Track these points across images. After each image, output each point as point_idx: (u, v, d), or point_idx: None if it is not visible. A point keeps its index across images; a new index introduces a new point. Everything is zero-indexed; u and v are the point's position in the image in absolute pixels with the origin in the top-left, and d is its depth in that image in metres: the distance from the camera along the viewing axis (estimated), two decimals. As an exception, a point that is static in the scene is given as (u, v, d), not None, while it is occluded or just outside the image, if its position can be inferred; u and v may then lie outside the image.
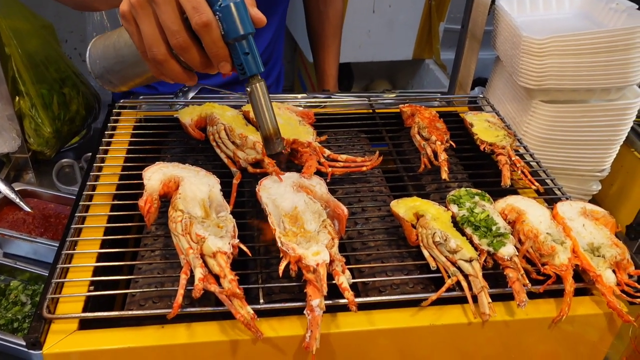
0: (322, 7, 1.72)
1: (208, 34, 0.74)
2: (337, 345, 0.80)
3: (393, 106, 1.39)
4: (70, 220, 0.93)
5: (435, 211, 0.94)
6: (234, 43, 0.76)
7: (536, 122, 1.36)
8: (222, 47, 0.76)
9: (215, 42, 0.75)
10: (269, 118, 0.81)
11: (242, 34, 0.75)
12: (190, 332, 0.77)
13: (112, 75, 0.91)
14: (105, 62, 0.90)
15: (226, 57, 0.77)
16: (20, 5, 1.50)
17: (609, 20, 1.38)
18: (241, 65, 0.78)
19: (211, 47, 0.76)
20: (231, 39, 0.75)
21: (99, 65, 0.91)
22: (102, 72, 0.92)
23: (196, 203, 0.89)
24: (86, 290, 0.82)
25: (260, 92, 0.80)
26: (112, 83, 0.93)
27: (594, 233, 0.92)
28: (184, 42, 0.76)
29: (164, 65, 0.79)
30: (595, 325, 0.87)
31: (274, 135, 0.82)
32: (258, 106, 0.81)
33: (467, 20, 1.47)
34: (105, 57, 0.90)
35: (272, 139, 0.82)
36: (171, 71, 0.80)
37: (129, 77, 0.91)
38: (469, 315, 0.82)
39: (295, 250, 0.80)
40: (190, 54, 0.77)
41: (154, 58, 0.78)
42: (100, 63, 0.91)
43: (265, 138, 0.82)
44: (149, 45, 0.77)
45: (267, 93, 0.81)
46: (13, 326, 1.06)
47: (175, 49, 0.77)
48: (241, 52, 0.77)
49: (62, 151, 1.61)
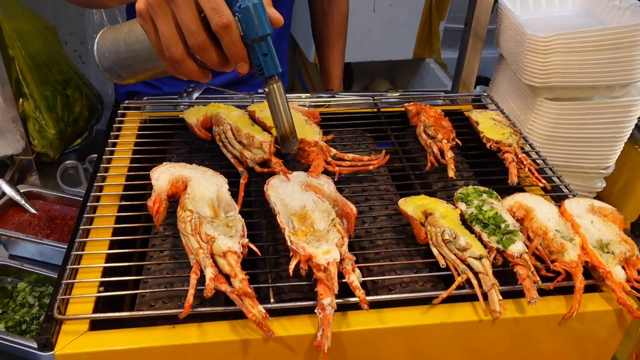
0: (326, 7, 1.72)
1: (228, 35, 0.74)
2: (348, 344, 0.80)
3: (397, 105, 1.39)
4: (78, 222, 0.93)
5: (444, 209, 0.94)
6: (252, 44, 0.76)
7: (541, 120, 1.36)
8: (242, 47, 0.76)
9: (235, 43, 0.75)
10: (285, 118, 0.83)
11: (261, 35, 0.75)
12: (202, 331, 0.77)
13: (122, 70, 0.91)
14: (115, 56, 0.90)
15: (245, 58, 0.78)
16: (23, 7, 1.50)
17: (612, 18, 1.38)
18: (260, 66, 0.78)
19: (230, 48, 0.76)
20: (250, 39, 0.76)
21: (108, 59, 0.91)
22: (111, 66, 0.91)
23: (205, 203, 0.89)
24: (96, 291, 0.82)
25: (278, 93, 0.81)
26: (121, 76, 0.93)
27: (603, 230, 0.92)
28: (202, 42, 0.76)
29: (181, 64, 0.79)
30: (605, 322, 0.88)
31: (290, 134, 0.83)
32: (275, 106, 0.82)
33: (471, 19, 1.48)
34: (115, 52, 0.90)
35: (289, 138, 0.84)
36: (187, 70, 0.81)
37: (139, 71, 0.91)
38: (480, 313, 0.82)
39: (306, 249, 0.80)
40: (208, 54, 0.77)
41: (172, 57, 0.78)
42: (110, 57, 0.90)
43: (282, 137, 0.84)
44: (167, 45, 0.77)
45: (285, 93, 0.82)
46: (21, 328, 1.06)
47: (193, 48, 0.77)
48: (260, 53, 0.77)
49: (65, 153, 1.61)
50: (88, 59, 2.61)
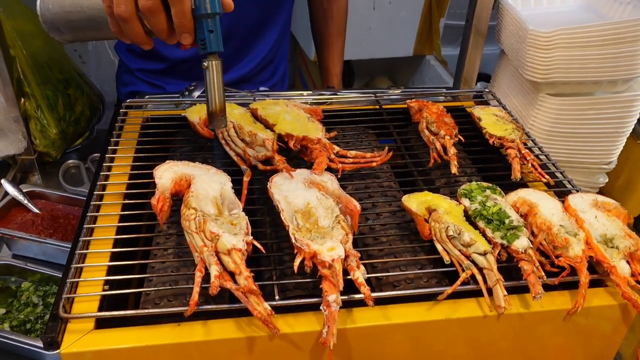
0: (326, 5, 1.71)
1: (180, 4, 0.78)
2: (354, 341, 0.80)
3: (399, 102, 1.39)
4: (82, 221, 0.93)
5: (448, 205, 0.94)
6: (201, 19, 0.80)
7: (543, 116, 1.36)
8: (190, 19, 0.80)
9: (185, 13, 0.79)
10: (218, 95, 0.86)
11: (210, 12, 0.80)
12: (207, 329, 0.77)
13: (63, 24, 0.91)
14: (60, 9, 0.90)
15: (190, 30, 0.81)
16: (24, 7, 1.50)
17: (614, 13, 1.38)
18: (203, 40, 0.82)
19: (179, 17, 0.79)
20: (200, 14, 0.80)
21: (51, 12, 0.91)
22: (53, 19, 0.91)
23: (208, 201, 0.89)
24: (101, 290, 0.82)
25: (216, 70, 0.84)
26: (60, 31, 0.93)
27: (607, 224, 0.92)
28: (153, 5, 0.79)
29: (127, 23, 0.81)
30: (610, 317, 0.88)
31: (219, 112, 0.87)
32: (210, 82, 0.85)
33: (472, 15, 1.47)
34: (60, 5, 0.90)
35: (217, 116, 0.87)
36: (132, 31, 0.83)
37: (81, 29, 0.92)
38: (485, 309, 0.82)
39: (310, 246, 0.80)
40: (156, 19, 0.80)
41: (119, 15, 0.80)
42: (53, 10, 0.90)
43: (211, 114, 0.87)
44: (117, 1, 0.79)
45: (222, 73, 0.85)
46: (26, 327, 1.06)
47: (143, 10, 0.79)
48: (206, 29, 0.81)
49: (66, 152, 1.61)
50: (88, 58, 2.60)
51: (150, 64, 1.55)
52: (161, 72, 1.56)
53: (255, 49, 1.57)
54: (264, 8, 1.51)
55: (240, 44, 1.53)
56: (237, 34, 1.50)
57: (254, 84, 1.61)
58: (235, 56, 1.54)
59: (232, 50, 1.51)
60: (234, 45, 1.51)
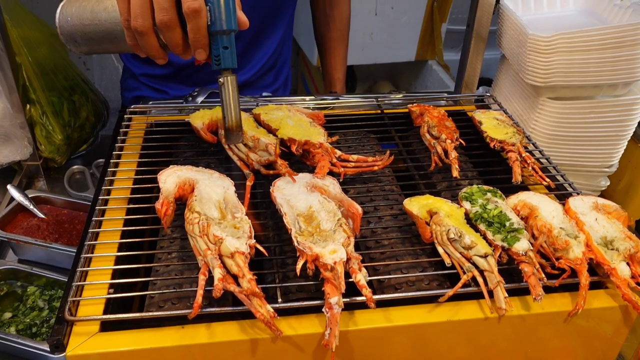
0: (328, 11, 1.73)
1: (196, 19, 0.79)
2: (355, 343, 0.81)
3: (401, 106, 1.40)
4: (87, 225, 0.94)
5: (449, 208, 0.94)
6: (216, 35, 0.81)
7: (544, 119, 1.37)
8: (205, 35, 0.81)
9: (200, 29, 0.80)
10: (234, 110, 0.86)
11: (225, 28, 0.81)
12: (211, 332, 0.78)
13: (81, 37, 0.93)
14: (78, 22, 0.92)
15: (205, 46, 0.83)
16: (30, 15, 1.52)
17: (614, 17, 1.39)
18: (218, 57, 0.83)
19: (195, 33, 0.81)
20: (215, 30, 0.81)
21: (70, 24, 0.93)
22: (71, 31, 0.93)
23: (212, 205, 0.90)
24: (106, 293, 0.83)
25: (231, 86, 0.85)
26: (77, 44, 0.94)
27: (607, 227, 0.93)
28: (170, 20, 0.80)
29: (143, 37, 0.83)
30: (611, 318, 0.88)
31: (235, 127, 0.87)
32: (226, 98, 0.86)
33: (473, 20, 1.48)
34: (79, 17, 0.92)
35: (234, 131, 0.88)
36: (148, 45, 0.85)
37: (97, 41, 0.93)
38: (486, 311, 0.83)
39: (312, 249, 0.81)
40: (172, 34, 0.82)
41: (137, 28, 0.82)
42: (72, 22, 0.92)
43: (227, 129, 0.87)
44: (135, 15, 0.81)
45: (237, 88, 0.86)
46: (32, 331, 1.07)
47: (159, 25, 0.81)
48: (221, 45, 0.83)
49: (71, 158, 1.62)
50: (92, 65, 2.63)
51: (154, 70, 1.57)
52: (165, 77, 1.57)
53: (257, 54, 1.58)
54: (266, 13, 1.52)
55: (243, 49, 1.55)
56: (240, 39, 1.51)
57: (256, 89, 1.63)
58: (238, 61, 1.55)
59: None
60: (237, 50, 1.52)
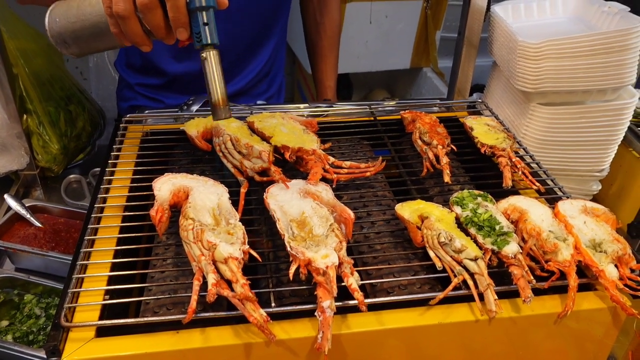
0: (318, 19, 1.74)
1: None
2: (348, 346, 0.82)
3: (394, 113, 1.42)
4: (83, 232, 0.95)
5: (440, 213, 0.96)
6: (195, 12, 0.84)
7: (535, 125, 1.39)
8: (184, 13, 0.84)
9: (179, 7, 0.83)
10: (218, 85, 0.87)
11: (204, 4, 0.83)
12: (205, 336, 0.79)
13: (69, 36, 0.95)
14: (65, 21, 0.94)
15: (185, 24, 0.85)
16: (27, 26, 1.54)
17: (602, 23, 1.41)
18: (199, 34, 0.85)
19: (174, 12, 0.83)
20: (194, 7, 0.83)
21: (58, 24, 0.94)
22: (59, 31, 0.95)
23: (206, 211, 0.91)
24: (101, 299, 0.84)
25: (214, 60, 0.86)
26: (67, 44, 0.96)
27: (595, 229, 0.94)
28: (150, 1, 0.83)
29: (125, 22, 0.85)
30: (600, 320, 0.89)
31: (222, 102, 0.88)
32: (210, 73, 0.87)
33: (464, 28, 1.50)
34: (66, 16, 0.94)
35: (220, 106, 0.88)
36: (131, 30, 0.87)
37: (85, 39, 0.95)
38: (476, 313, 0.84)
39: (305, 254, 0.82)
40: (153, 15, 0.84)
41: (118, 13, 0.84)
42: (60, 22, 0.94)
43: (213, 104, 0.88)
44: (116, 0, 0.83)
45: (220, 63, 0.87)
46: (28, 338, 1.08)
47: (140, 7, 0.83)
48: (201, 22, 0.84)
49: (68, 168, 1.64)
50: (89, 75, 2.64)
51: (150, 79, 1.59)
52: (160, 86, 1.59)
53: (251, 63, 1.60)
54: (260, 22, 1.54)
55: (237, 57, 1.56)
56: (234, 48, 1.53)
57: (251, 97, 1.64)
58: (232, 70, 1.57)
59: (229, 64, 1.54)
60: (231, 59, 1.54)
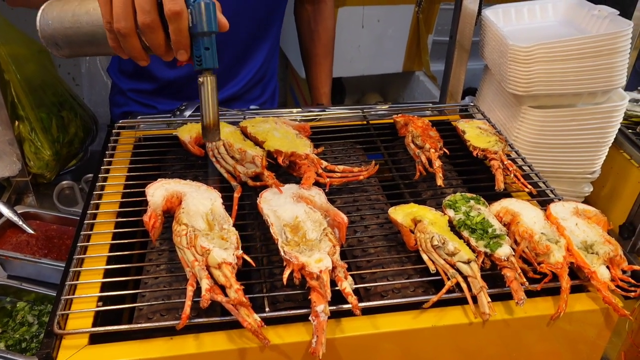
0: (313, 26, 1.75)
1: (177, 21, 0.81)
2: (343, 350, 0.82)
3: (386, 117, 1.42)
4: (75, 239, 0.95)
5: (433, 216, 0.96)
6: (197, 37, 0.84)
7: (526, 128, 1.40)
8: (186, 36, 0.84)
9: (182, 30, 0.83)
10: (212, 109, 0.89)
11: (206, 30, 0.83)
12: (199, 342, 0.79)
13: (62, 40, 0.94)
14: (59, 25, 0.93)
15: (186, 47, 0.85)
16: (18, 32, 1.53)
17: (592, 26, 1.42)
18: (199, 57, 0.85)
19: (176, 35, 0.83)
20: (197, 32, 0.83)
21: (51, 27, 0.93)
22: (52, 34, 0.94)
23: (199, 217, 0.91)
24: (95, 306, 0.83)
25: (211, 86, 0.87)
26: (58, 46, 0.95)
27: (587, 231, 0.95)
28: (152, 22, 0.82)
29: (126, 39, 0.85)
30: (593, 321, 0.90)
31: (212, 125, 0.90)
32: (205, 97, 0.88)
33: (455, 32, 1.51)
34: (60, 21, 0.93)
35: (211, 129, 0.90)
36: (131, 47, 0.86)
37: (79, 44, 0.94)
38: (470, 316, 0.84)
39: (298, 259, 0.82)
40: (154, 35, 0.84)
41: (119, 30, 0.84)
42: (53, 25, 0.93)
43: (204, 127, 0.90)
44: (117, 17, 0.83)
45: (216, 88, 0.88)
46: (21, 346, 1.08)
47: (142, 26, 0.83)
48: (202, 46, 0.85)
49: (60, 174, 1.63)
50: (81, 81, 2.64)
51: (142, 85, 1.59)
52: (153, 92, 1.59)
53: (245, 68, 1.60)
54: (253, 27, 1.54)
55: (230, 63, 1.57)
56: (227, 53, 1.53)
57: (244, 102, 1.64)
58: (226, 75, 1.58)
59: (223, 69, 1.55)
60: (224, 64, 1.55)
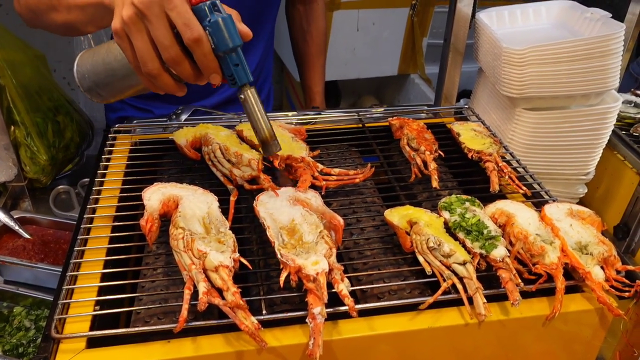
0: (305, 26, 1.76)
1: (199, 48, 0.79)
2: (340, 352, 0.83)
3: (382, 120, 1.43)
4: (72, 243, 0.95)
5: (428, 218, 0.97)
6: (223, 55, 0.81)
7: (520, 130, 1.41)
8: (213, 59, 0.82)
9: (207, 55, 0.81)
10: (264, 122, 0.87)
11: (231, 46, 0.80)
12: (196, 345, 0.79)
13: (102, 89, 0.95)
14: (95, 77, 0.94)
15: (216, 69, 0.83)
16: (14, 37, 1.53)
17: (585, 29, 1.43)
18: (232, 76, 0.83)
19: (202, 60, 0.81)
20: (221, 51, 0.81)
21: (88, 80, 0.94)
22: (91, 86, 0.95)
23: (196, 220, 0.92)
24: (92, 310, 0.84)
25: (253, 99, 0.85)
26: (101, 96, 0.96)
27: (581, 232, 0.96)
28: (176, 55, 0.81)
29: (157, 79, 0.84)
30: (588, 321, 0.90)
31: (270, 138, 0.87)
32: (253, 112, 0.86)
33: (449, 35, 1.52)
34: (94, 72, 0.94)
35: (269, 142, 0.87)
36: (164, 84, 0.86)
37: (118, 89, 0.95)
38: (466, 317, 0.85)
39: (295, 261, 0.82)
40: (182, 67, 0.82)
41: (149, 73, 0.83)
42: (90, 77, 0.94)
43: (262, 141, 0.87)
44: (143, 61, 0.82)
45: (259, 99, 0.86)
46: (18, 351, 1.07)
47: (168, 62, 0.82)
48: (231, 64, 0.82)
49: (56, 179, 1.63)
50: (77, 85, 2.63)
51: (138, 89, 1.58)
52: (149, 96, 1.59)
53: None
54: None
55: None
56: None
57: (239, 106, 1.64)
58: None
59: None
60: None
